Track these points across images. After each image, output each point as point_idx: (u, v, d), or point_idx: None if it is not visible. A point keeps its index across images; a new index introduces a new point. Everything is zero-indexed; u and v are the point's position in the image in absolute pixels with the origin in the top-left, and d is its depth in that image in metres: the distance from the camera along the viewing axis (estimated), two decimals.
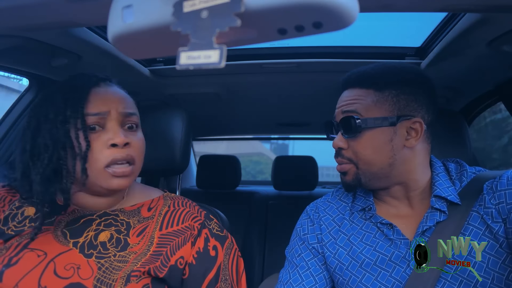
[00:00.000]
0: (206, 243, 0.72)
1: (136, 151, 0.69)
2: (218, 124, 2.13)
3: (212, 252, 0.71)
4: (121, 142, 0.65)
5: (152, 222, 0.72)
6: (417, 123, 0.71)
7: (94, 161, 0.64)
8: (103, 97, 0.67)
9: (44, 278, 0.60)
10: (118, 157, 0.65)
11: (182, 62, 0.31)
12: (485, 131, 2.46)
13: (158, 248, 0.67)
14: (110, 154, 0.65)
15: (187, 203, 0.78)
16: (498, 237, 0.64)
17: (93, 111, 0.65)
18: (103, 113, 0.66)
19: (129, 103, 0.71)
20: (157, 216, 0.73)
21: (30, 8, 0.53)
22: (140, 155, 0.71)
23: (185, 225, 0.72)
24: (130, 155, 0.67)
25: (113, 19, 0.35)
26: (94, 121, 0.65)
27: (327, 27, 0.31)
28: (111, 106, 0.67)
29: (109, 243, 0.66)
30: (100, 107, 0.66)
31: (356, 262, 0.73)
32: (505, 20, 0.76)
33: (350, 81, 0.76)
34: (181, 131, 1.01)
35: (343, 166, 0.75)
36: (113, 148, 0.65)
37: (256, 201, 2.03)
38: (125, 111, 0.68)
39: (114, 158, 0.65)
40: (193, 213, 0.75)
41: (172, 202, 0.77)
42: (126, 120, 0.69)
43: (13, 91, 4.37)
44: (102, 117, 0.66)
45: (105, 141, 0.65)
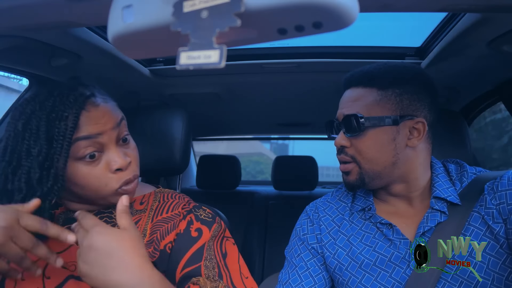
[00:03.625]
0: (188, 225, 0.71)
1: (136, 163, 0.69)
2: (218, 124, 2.13)
3: (194, 233, 0.70)
4: (125, 166, 0.64)
5: (144, 216, 0.72)
6: (420, 123, 0.71)
7: (105, 187, 0.63)
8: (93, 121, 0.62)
9: (49, 270, 0.61)
10: (127, 179, 0.65)
11: (182, 62, 0.31)
12: (485, 131, 2.46)
13: (150, 237, 0.68)
14: (119, 178, 0.64)
15: (177, 196, 0.78)
16: (499, 237, 0.64)
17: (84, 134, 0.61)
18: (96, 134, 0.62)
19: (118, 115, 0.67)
20: (148, 210, 0.74)
21: (30, 8, 0.53)
22: (138, 164, 0.70)
23: (174, 213, 0.73)
24: (135, 175, 0.67)
25: (113, 19, 0.35)
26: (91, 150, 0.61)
27: (327, 27, 0.31)
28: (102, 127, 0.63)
29: None
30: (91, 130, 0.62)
31: (356, 263, 0.73)
32: (505, 20, 0.76)
33: (353, 80, 0.76)
34: (181, 131, 1.01)
35: (347, 166, 0.75)
36: (118, 173, 0.64)
37: (256, 201, 2.03)
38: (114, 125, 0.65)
39: (125, 181, 0.65)
40: (182, 203, 0.75)
41: (162, 196, 0.78)
42: (119, 136, 0.66)
43: (13, 91, 4.37)
44: (97, 139, 0.62)
45: (106, 167, 0.63)
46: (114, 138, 0.64)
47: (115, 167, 0.63)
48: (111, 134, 0.64)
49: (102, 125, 0.63)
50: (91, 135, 0.61)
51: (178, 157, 1.01)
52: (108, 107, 0.66)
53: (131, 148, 0.69)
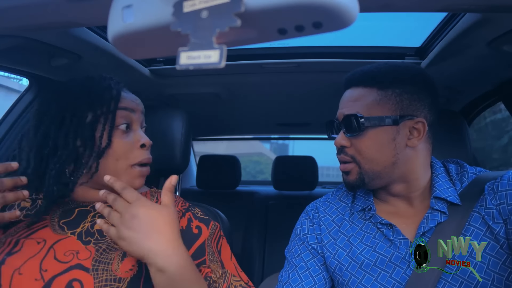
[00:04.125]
0: (189, 223, 0.76)
1: (149, 151, 0.75)
2: (218, 124, 2.14)
3: (195, 230, 0.75)
4: (148, 143, 0.73)
5: None
6: (420, 123, 0.71)
7: (126, 158, 0.70)
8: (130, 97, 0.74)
9: (45, 262, 0.62)
10: (145, 158, 0.72)
11: (182, 62, 0.31)
12: (485, 131, 2.46)
13: None
14: (139, 155, 0.72)
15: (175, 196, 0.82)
16: (499, 238, 0.64)
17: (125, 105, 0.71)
18: (130, 109, 0.72)
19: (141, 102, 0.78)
20: None
21: (30, 8, 0.53)
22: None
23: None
24: (150, 158, 0.74)
25: (113, 19, 0.35)
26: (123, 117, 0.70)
27: (327, 27, 0.31)
28: (136, 106, 0.74)
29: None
30: (129, 103, 0.72)
31: (356, 263, 0.73)
32: (505, 20, 0.76)
33: (353, 80, 0.76)
34: (181, 131, 1.01)
35: (347, 165, 0.75)
36: (141, 149, 0.72)
37: (256, 201, 2.03)
38: (142, 110, 0.76)
39: (143, 159, 0.72)
40: (180, 201, 0.80)
41: (158, 195, 0.81)
42: (142, 122, 0.76)
43: (13, 91, 4.37)
44: (130, 113, 0.72)
45: (134, 142, 0.72)
46: (140, 122, 0.74)
47: (141, 142, 0.72)
48: (139, 117, 0.74)
49: (136, 105, 0.74)
50: (127, 108, 0.71)
51: (178, 157, 1.01)
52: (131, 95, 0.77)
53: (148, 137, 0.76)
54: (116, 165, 0.70)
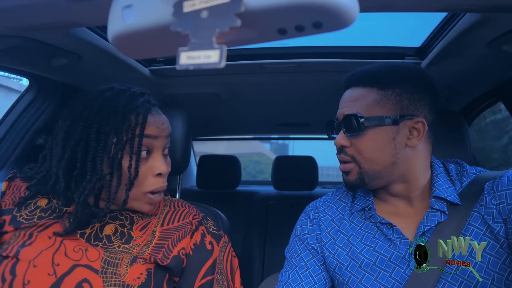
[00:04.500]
0: (202, 238, 0.76)
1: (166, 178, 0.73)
2: (218, 124, 2.14)
3: (208, 246, 0.75)
4: (165, 172, 0.70)
5: (154, 219, 0.76)
6: (420, 123, 0.71)
7: (139, 185, 0.68)
8: (156, 123, 0.70)
9: (57, 256, 0.63)
10: (160, 187, 0.70)
11: (182, 62, 0.31)
12: (485, 131, 2.46)
13: (159, 241, 0.71)
14: (155, 183, 0.69)
15: (187, 205, 0.83)
16: (499, 237, 0.64)
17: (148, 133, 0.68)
18: (153, 136, 0.69)
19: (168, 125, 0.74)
20: (159, 214, 0.77)
21: (30, 8, 0.53)
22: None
23: (185, 221, 0.77)
24: (164, 186, 0.71)
25: (113, 19, 0.35)
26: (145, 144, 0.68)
27: (327, 27, 0.31)
28: (160, 133, 0.70)
29: (114, 236, 0.70)
30: (153, 130, 0.69)
31: (356, 263, 0.73)
32: (505, 20, 0.76)
33: (353, 80, 0.76)
34: (181, 131, 1.01)
35: (346, 165, 0.75)
36: (157, 177, 0.70)
37: (256, 201, 2.03)
38: (167, 134, 0.72)
39: (156, 188, 0.70)
40: (192, 213, 0.80)
41: (173, 203, 0.82)
42: (165, 145, 0.72)
43: (13, 91, 4.37)
44: (152, 140, 0.68)
45: (151, 169, 0.69)
46: (161, 146, 0.71)
47: (157, 171, 0.69)
48: (162, 143, 0.71)
49: (161, 131, 0.70)
50: (150, 135, 0.68)
51: (178, 157, 1.01)
52: (165, 118, 0.74)
53: (168, 163, 0.74)
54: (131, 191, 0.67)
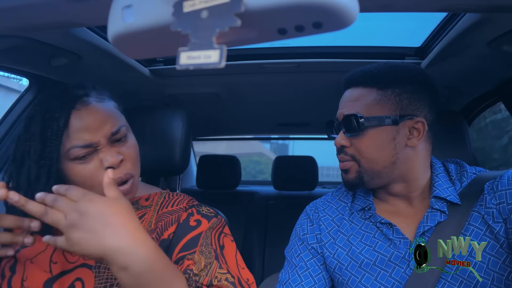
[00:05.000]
0: (188, 217, 0.72)
1: (131, 162, 0.68)
2: (218, 124, 2.13)
3: (192, 223, 0.71)
4: (116, 163, 0.65)
5: (150, 210, 0.75)
6: (420, 123, 0.71)
7: (97, 184, 0.64)
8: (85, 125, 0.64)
9: (55, 256, 0.65)
10: (117, 177, 0.65)
11: (182, 62, 0.31)
12: (485, 131, 2.46)
13: (155, 226, 0.71)
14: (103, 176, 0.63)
15: (182, 195, 0.80)
16: (499, 237, 0.65)
17: (79, 144, 0.63)
18: (90, 144, 0.63)
19: (113, 118, 0.68)
20: (154, 205, 0.76)
21: (30, 8, 0.53)
22: (136, 162, 0.70)
23: (179, 207, 0.75)
24: (127, 173, 0.67)
25: (113, 19, 0.35)
26: (82, 153, 0.63)
27: (327, 27, 0.31)
28: (97, 134, 0.64)
29: None
30: (85, 138, 0.63)
31: (356, 262, 0.73)
32: (505, 20, 0.76)
33: (352, 80, 0.76)
34: (181, 131, 1.01)
35: (346, 163, 0.75)
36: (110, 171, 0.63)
37: (256, 201, 2.03)
38: (112, 131, 0.66)
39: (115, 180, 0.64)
40: (187, 199, 0.78)
41: (168, 194, 0.80)
42: (115, 138, 0.67)
43: (13, 91, 4.37)
44: (89, 148, 0.64)
45: (99, 165, 0.64)
46: (107, 141, 0.66)
47: (106, 165, 0.64)
48: (105, 139, 0.65)
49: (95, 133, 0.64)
50: (86, 144, 0.63)
51: (178, 157, 1.01)
52: (101, 108, 0.67)
53: (127, 146, 0.69)
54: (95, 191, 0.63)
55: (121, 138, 0.68)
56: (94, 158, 0.65)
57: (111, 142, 0.66)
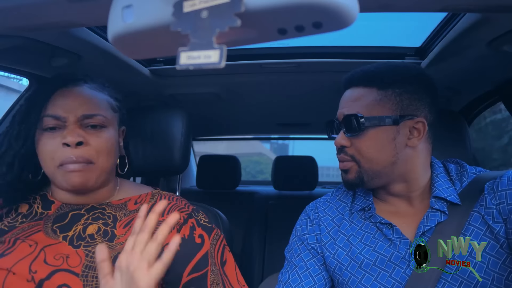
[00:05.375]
0: (192, 231, 0.73)
1: (95, 150, 0.68)
2: (218, 124, 2.13)
3: (197, 239, 0.72)
4: (72, 142, 0.65)
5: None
6: (420, 123, 0.71)
7: (50, 160, 0.66)
8: (63, 101, 0.68)
9: (35, 264, 0.63)
10: (68, 157, 0.66)
11: (182, 62, 0.31)
12: (485, 131, 2.46)
13: None
14: (62, 154, 0.66)
15: (175, 198, 0.79)
16: (499, 237, 0.64)
17: (50, 113, 0.67)
18: (59, 117, 0.67)
19: (93, 104, 0.70)
20: None
21: (30, 8, 0.53)
22: (102, 154, 0.70)
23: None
24: (83, 156, 0.67)
25: (113, 19, 0.35)
26: (52, 124, 0.67)
27: (327, 27, 0.31)
28: (70, 111, 0.67)
29: (97, 234, 0.69)
30: (58, 111, 0.67)
31: (356, 263, 0.73)
32: (505, 20, 0.76)
33: (353, 80, 0.76)
34: (181, 131, 1.01)
35: (346, 163, 0.75)
36: (65, 148, 0.66)
37: (256, 201, 2.03)
38: (84, 113, 0.68)
39: (65, 158, 0.66)
40: (180, 206, 0.76)
41: (159, 197, 0.79)
42: (86, 122, 0.69)
43: (13, 91, 4.37)
44: (60, 121, 0.67)
45: (60, 140, 0.66)
46: (76, 120, 0.68)
47: (63, 141, 0.66)
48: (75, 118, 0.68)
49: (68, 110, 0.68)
50: (55, 115, 0.67)
51: (178, 157, 1.01)
52: (86, 92, 0.71)
53: (98, 135, 0.70)
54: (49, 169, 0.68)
55: (94, 125, 0.70)
56: (60, 134, 0.67)
57: (83, 125, 0.68)
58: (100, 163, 0.69)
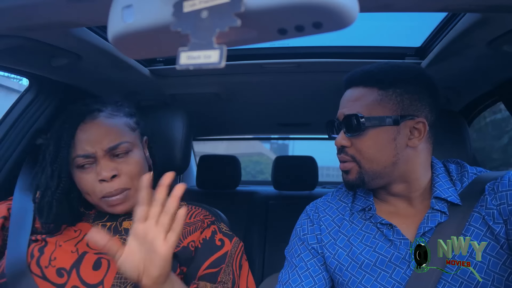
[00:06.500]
0: (213, 235, 0.81)
1: (128, 176, 0.75)
2: (218, 124, 2.13)
3: (217, 242, 0.80)
4: (107, 177, 0.72)
5: None
6: (421, 123, 0.71)
7: (91, 193, 0.74)
8: (87, 138, 0.74)
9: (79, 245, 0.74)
10: (108, 192, 0.73)
11: (182, 62, 0.31)
12: (485, 131, 2.46)
13: None
14: (101, 189, 0.73)
15: (199, 208, 0.88)
16: (499, 238, 0.64)
17: (80, 153, 0.73)
18: (89, 155, 0.73)
19: (115, 133, 0.76)
20: None
21: (30, 8, 0.53)
22: (136, 178, 0.75)
23: (196, 219, 0.83)
24: (121, 188, 0.74)
25: (113, 19, 0.35)
26: (84, 162, 0.73)
27: (327, 27, 0.31)
28: (96, 146, 0.73)
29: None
30: (86, 148, 0.73)
31: (356, 263, 0.73)
32: (505, 20, 0.76)
33: (353, 80, 0.76)
34: (181, 131, 1.01)
35: (346, 164, 0.75)
36: (103, 183, 0.73)
37: (256, 201, 2.03)
38: (110, 145, 0.74)
39: (106, 193, 0.73)
40: (205, 214, 0.86)
41: (185, 205, 0.87)
42: (113, 152, 0.75)
43: (13, 91, 4.38)
44: (89, 159, 0.73)
45: (95, 176, 0.73)
46: (104, 153, 0.74)
47: (99, 178, 0.73)
48: (102, 151, 0.74)
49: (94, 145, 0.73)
50: (85, 155, 0.73)
51: (178, 158, 1.01)
52: (106, 123, 0.76)
53: (127, 162, 0.76)
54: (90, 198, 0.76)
55: (120, 154, 0.76)
56: (93, 169, 0.74)
57: (110, 156, 0.75)
58: (135, 186, 0.75)
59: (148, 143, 0.88)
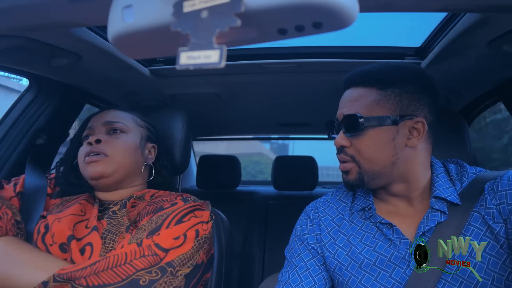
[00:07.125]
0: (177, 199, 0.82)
1: (112, 148, 0.82)
2: (218, 124, 2.13)
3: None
4: (92, 140, 0.81)
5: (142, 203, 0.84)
6: (420, 123, 0.71)
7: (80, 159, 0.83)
8: (96, 118, 0.89)
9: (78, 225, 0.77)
10: (86, 152, 0.81)
11: (182, 62, 0.31)
12: (485, 131, 2.46)
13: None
14: (84, 149, 0.82)
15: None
16: (499, 237, 0.64)
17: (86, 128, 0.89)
18: (90, 126, 0.87)
19: (116, 115, 0.88)
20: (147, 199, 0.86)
21: (30, 8, 0.53)
22: (117, 150, 0.82)
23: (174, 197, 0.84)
24: (99, 148, 0.81)
25: (113, 19, 0.35)
26: (85, 133, 0.87)
27: (327, 27, 0.31)
28: (95, 122, 0.87)
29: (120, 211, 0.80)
30: (90, 124, 0.88)
31: (356, 263, 0.73)
32: (505, 20, 0.76)
33: (352, 80, 0.76)
34: (181, 131, 1.01)
35: (346, 164, 0.75)
36: (87, 145, 0.82)
37: (256, 201, 2.03)
38: (107, 119, 0.86)
39: (86, 152, 0.81)
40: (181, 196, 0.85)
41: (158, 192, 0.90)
42: (109, 127, 0.86)
43: (13, 91, 4.37)
44: (90, 130, 0.86)
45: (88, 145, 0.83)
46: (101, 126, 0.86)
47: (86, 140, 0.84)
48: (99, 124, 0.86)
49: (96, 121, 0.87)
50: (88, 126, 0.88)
51: (178, 158, 1.01)
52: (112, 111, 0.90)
53: (116, 138, 0.84)
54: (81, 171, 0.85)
55: (114, 130, 0.85)
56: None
57: (106, 130, 0.85)
58: (116, 157, 0.81)
59: (158, 152, 0.94)
